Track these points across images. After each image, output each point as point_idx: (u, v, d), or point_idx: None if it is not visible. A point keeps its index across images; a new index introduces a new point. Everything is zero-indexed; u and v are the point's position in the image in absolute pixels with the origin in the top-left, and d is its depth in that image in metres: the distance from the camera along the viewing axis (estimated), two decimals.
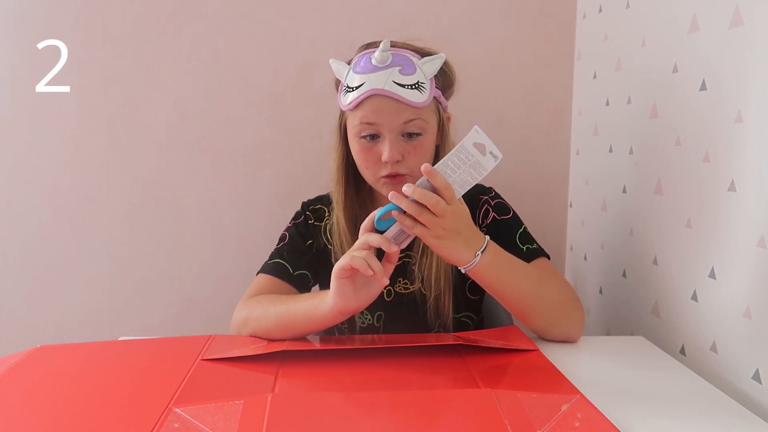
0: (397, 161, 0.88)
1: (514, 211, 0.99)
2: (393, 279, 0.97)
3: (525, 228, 0.97)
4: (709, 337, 0.86)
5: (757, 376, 0.76)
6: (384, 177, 0.89)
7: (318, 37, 1.39)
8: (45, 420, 0.61)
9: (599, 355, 0.85)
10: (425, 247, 0.94)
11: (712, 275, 0.86)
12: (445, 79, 0.92)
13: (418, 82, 0.86)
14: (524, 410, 0.61)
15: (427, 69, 0.88)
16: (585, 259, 1.35)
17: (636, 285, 1.10)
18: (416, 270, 0.96)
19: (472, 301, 1.00)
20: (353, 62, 0.90)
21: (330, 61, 0.93)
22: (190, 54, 1.40)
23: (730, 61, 0.81)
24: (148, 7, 1.39)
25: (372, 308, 0.97)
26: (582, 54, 1.36)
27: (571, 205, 1.45)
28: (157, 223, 1.46)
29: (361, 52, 0.90)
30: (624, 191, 1.14)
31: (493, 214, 0.97)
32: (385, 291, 0.97)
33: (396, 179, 0.89)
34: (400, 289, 0.98)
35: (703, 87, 0.87)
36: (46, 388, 0.69)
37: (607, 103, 1.21)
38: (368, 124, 0.87)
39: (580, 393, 0.66)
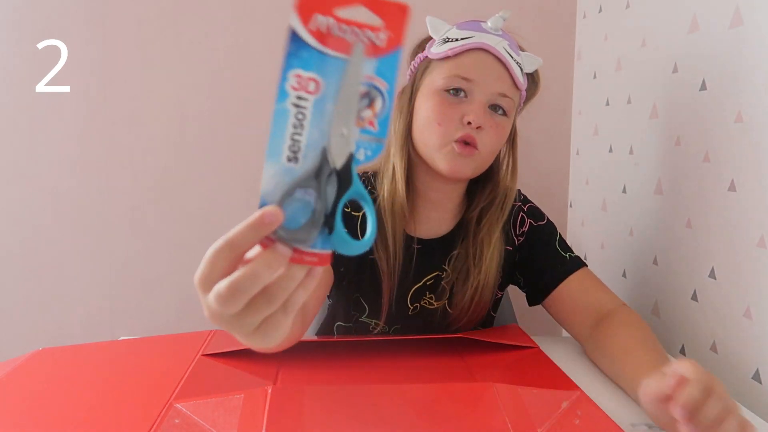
0: (479, 127, 0.79)
1: (546, 215, 0.94)
2: (419, 296, 0.89)
3: (559, 234, 0.92)
4: (709, 337, 0.86)
5: (757, 376, 0.76)
6: (456, 141, 0.79)
7: None
8: (46, 419, 0.61)
9: None
10: (462, 268, 0.87)
11: (712, 275, 0.86)
12: (532, 88, 0.87)
13: (520, 65, 0.82)
14: (525, 406, 0.61)
15: (525, 62, 0.83)
16: (585, 259, 1.35)
17: (636, 285, 1.10)
18: (446, 287, 0.88)
19: (488, 317, 0.96)
20: (455, 24, 0.84)
21: (427, 17, 0.85)
22: (190, 54, 1.40)
23: (730, 61, 0.81)
24: (148, 7, 1.39)
25: (390, 321, 0.89)
26: (582, 54, 1.36)
27: (571, 205, 1.45)
28: (157, 223, 1.46)
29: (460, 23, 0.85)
30: (624, 191, 1.14)
31: (529, 221, 0.92)
32: (411, 307, 0.89)
33: (467, 149, 0.79)
34: (426, 304, 0.90)
35: (703, 87, 0.87)
36: (47, 389, 0.69)
37: (607, 103, 1.21)
38: (463, 78, 0.79)
39: (581, 390, 0.66)
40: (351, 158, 0.40)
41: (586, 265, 0.90)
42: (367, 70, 0.39)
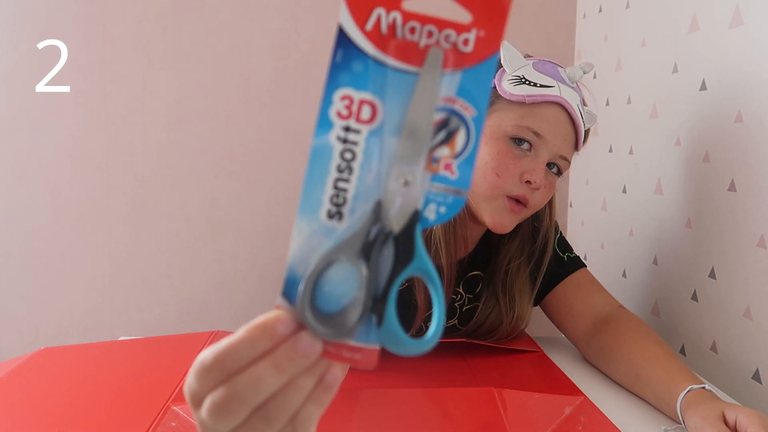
0: (537, 189, 0.76)
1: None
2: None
3: (560, 232, 0.92)
4: (709, 337, 0.86)
5: (757, 376, 0.76)
6: (509, 196, 0.76)
7: (318, 37, 1.39)
8: (46, 419, 0.61)
9: None
10: (492, 314, 0.86)
11: (712, 275, 0.86)
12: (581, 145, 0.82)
13: (583, 124, 0.78)
14: (526, 412, 0.61)
15: (586, 119, 0.78)
16: (585, 259, 1.35)
17: (636, 285, 1.09)
18: (457, 308, 0.88)
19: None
20: (527, 60, 0.78)
21: (504, 43, 0.76)
22: (190, 54, 1.40)
23: (730, 61, 0.81)
24: (148, 7, 1.38)
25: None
26: (582, 54, 1.36)
27: (571, 205, 1.45)
28: (157, 223, 1.46)
29: (532, 58, 0.79)
30: (624, 191, 1.14)
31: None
32: (424, 324, 0.84)
33: (518, 206, 0.77)
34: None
35: (703, 87, 0.87)
36: (47, 388, 0.69)
37: (607, 103, 1.21)
38: (534, 132, 0.75)
39: (584, 395, 0.66)
40: (416, 218, 0.28)
41: (585, 266, 0.90)
42: (445, 89, 0.28)
